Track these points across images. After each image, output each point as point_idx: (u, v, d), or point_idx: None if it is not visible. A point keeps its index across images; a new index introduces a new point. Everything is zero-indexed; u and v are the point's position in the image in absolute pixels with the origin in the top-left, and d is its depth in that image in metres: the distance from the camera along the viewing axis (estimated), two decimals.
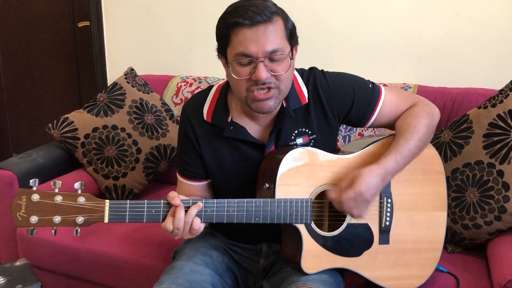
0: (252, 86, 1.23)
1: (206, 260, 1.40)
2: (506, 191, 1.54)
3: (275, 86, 1.24)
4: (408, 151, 1.32)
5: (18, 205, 1.11)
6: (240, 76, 1.23)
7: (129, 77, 2.33)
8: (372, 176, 1.25)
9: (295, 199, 1.26)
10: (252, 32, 1.19)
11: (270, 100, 1.26)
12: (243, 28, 1.19)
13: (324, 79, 1.38)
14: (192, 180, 1.44)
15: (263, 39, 1.19)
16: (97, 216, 1.15)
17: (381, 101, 1.40)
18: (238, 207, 1.23)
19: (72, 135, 2.12)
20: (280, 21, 1.23)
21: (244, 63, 1.22)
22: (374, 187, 1.26)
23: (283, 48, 1.22)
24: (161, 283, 1.31)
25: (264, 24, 1.19)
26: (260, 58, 1.20)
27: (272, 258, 1.47)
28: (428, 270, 1.42)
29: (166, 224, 1.19)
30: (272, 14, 1.20)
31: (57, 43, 3.18)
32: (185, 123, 1.41)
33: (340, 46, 2.27)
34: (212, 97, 1.40)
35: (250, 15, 1.18)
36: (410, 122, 1.36)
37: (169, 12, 2.61)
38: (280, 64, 1.23)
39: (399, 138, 1.33)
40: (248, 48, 1.19)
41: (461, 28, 2.05)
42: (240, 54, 1.21)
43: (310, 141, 1.38)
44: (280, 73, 1.23)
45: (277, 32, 1.21)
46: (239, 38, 1.20)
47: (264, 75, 1.20)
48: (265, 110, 1.27)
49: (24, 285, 1.51)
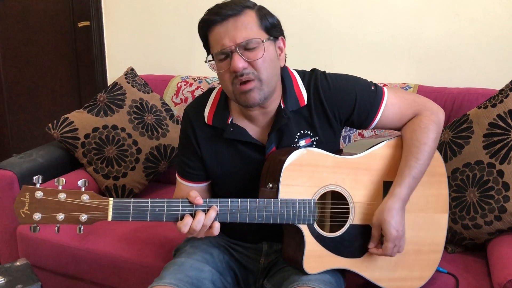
0: (234, 79, 1.25)
1: (206, 257, 1.41)
2: (506, 191, 1.54)
3: (254, 76, 1.25)
4: (420, 173, 1.33)
5: (22, 202, 1.11)
6: (221, 69, 1.26)
7: (129, 77, 2.33)
8: (394, 216, 1.28)
9: (298, 200, 1.26)
10: (223, 27, 1.24)
11: (253, 92, 1.26)
12: (215, 25, 1.24)
13: (326, 81, 1.38)
14: (191, 182, 1.44)
15: (233, 31, 1.23)
16: (100, 214, 1.15)
17: (383, 104, 1.39)
18: (241, 207, 1.23)
19: (72, 135, 2.12)
20: (252, 13, 1.26)
21: (222, 58, 1.26)
22: (400, 222, 1.30)
23: (256, 37, 1.25)
24: (161, 278, 1.31)
25: (233, 17, 1.23)
26: (233, 48, 1.23)
27: (272, 257, 1.47)
28: (428, 271, 1.43)
29: (183, 225, 1.19)
30: (243, 8, 1.24)
31: (57, 43, 3.18)
32: (186, 125, 1.42)
33: (340, 46, 2.27)
34: (213, 100, 1.41)
35: (218, 11, 1.23)
36: (420, 138, 1.35)
37: (169, 12, 2.61)
38: (256, 51, 1.25)
39: (410, 158, 1.33)
40: (222, 44, 1.23)
41: (461, 28, 2.06)
42: (219, 53, 1.25)
43: (313, 143, 1.38)
44: (256, 59, 1.24)
45: (249, 23, 1.25)
46: (215, 37, 1.25)
47: (240, 65, 1.23)
48: (251, 103, 1.28)
49: (24, 285, 1.50)
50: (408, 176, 1.31)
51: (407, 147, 1.36)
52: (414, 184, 1.33)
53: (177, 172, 1.47)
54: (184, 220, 1.19)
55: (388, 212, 1.28)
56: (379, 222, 1.30)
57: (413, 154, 1.33)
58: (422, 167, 1.33)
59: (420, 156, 1.33)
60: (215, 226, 1.22)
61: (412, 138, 1.36)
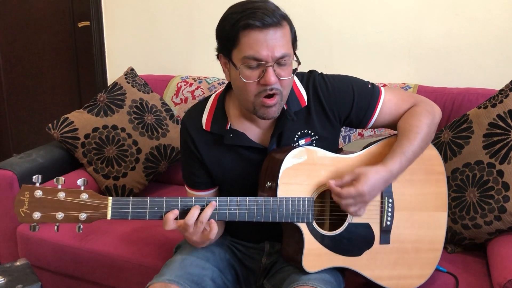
0: (261, 92, 1.23)
1: (207, 255, 1.41)
2: (506, 191, 1.54)
3: (278, 92, 1.24)
4: (412, 152, 1.31)
5: (21, 201, 1.11)
6: (249, 79, 1.22)
7: (129, 77, 2.33)
8: (377, 178, 1.25)
9: (297, 198, 1.27)
10: (262, 35, 1.17)
11: (275, 106, 1.26)
12: (254, 30, 1.17)
13: (324, 82, 1.39)
14: (202, 191, 1.44)
15: (273, 43, 1.18)
16: (100, 213, 1.15)
17: (381, 101, 1.40)
18: (240, 205, 1.24)
19: (72, 135, 2.12)
20: (287, 26, 1.22)
21: (253, 66, 1.20)
22: (376, 189, 1.26)
23: (290, 53, 1.22)
24: (161, 275, 1.31)
25: (274, 28, 1.17)
26: (269, 62, 1.19)
27: (274, 257, 1.47)
28: (428, 270, 1.42)
29: (178, 220, 1.20)
30: (281, 18, 1.19)
31: (57, 43, 3.18)
32: (184, 135, 1.41)
33: (340, 46, 2.27)
34: (211, 106, 1.40)
35: (261, 17, 1.16)
36: (412, 122, 1.35)
37: (169, 12, 2.61)
38: (286, 69, 1.23)
39: (402, 139, 1.33)
40: (258, 52, 1.17)
41: (461, 28, 2.06)
42: (250, 58, 1.19)
43: (313, 142, 1.39)
44: (285, 78, 1.23)
45: (285, 37, 1.21)
46: (249, 41, 1.18)
47: (273, 79, 1.20)
48: (270, 117, 1.28)
49: (24, 285, 1.50)
50: (400, 153, 1.30)
51: (401, 132, 1.36)
52: (405, 162, 1.30)
53: (187, 184, 1.46)
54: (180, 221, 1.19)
55: (373, 172, 1.25)
56: (359, 172, 1.25)
57: (405, 136, 1.33)
58: (414, 148, 1.32)
59: (412, 137, 1.32)
60: (213, 228, 1.22)
61: (405, 124, 1.37)
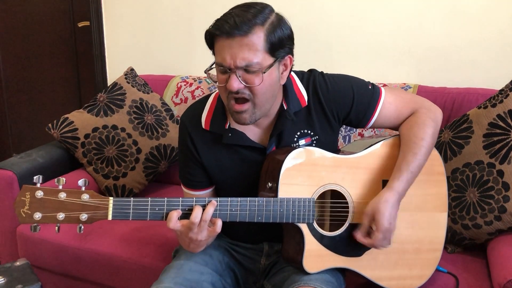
0: (229, 94, 1.24)
1: (206, 259, 1.40)
2: (506, 191, 1.54)
3: (249, 97, 1.23)
4: (417, 167, 1.33)
5: (22, 202, 1.11)
6: (220, 83, 1.25)
7: (129, 77, 2.33)
8: (389, 208, 1.27)
9: (298, 199, 1.27)
10: (227, 43, 1.18)
11: (245, 113, 1.25)
12: (220, 38, 1.20)
13: (324, 81, 1.38)
14: (198, 190, 1.44)
15: (236, 51, 1.18)
16: (101, 214, 1.15)
17: (381, 102, 1.40)
18: (241, 206, 1.23)
19: (72, 135, 2.12)
20: (261, 33, 1.19)
21: (222, 71, 1.23)
22: (393, 216, 1.28)
23: (260, 61, 1.20)
24: (160, 282, 1.31)
25: (240, 37, 1.17)
26: (233, 69, 1.20)
27: (273, 257, 1.47)
28: (428, 270, 1.43)
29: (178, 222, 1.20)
30: (252, 27, 1.17)
31: (57, 43, 3.17)
32: (183, 134, 1.41)
33: (340, 46, 2.27)
34: (210, 105, 1.40)
35: (227, 28, 1.17)
36: (417, 134, 1.35)
37: (169, 12, 2.61)
38: (256, 76, 1.21)
39: (407, 153, 1.33)
40: (224, 59, 1.20)
41: (461, 28, 2.06)
42: (218, 64, 1.23)
43: (313, 142, 1.38)
44: (253, 85, 1.21)
45: (253, 46, 1.18)
46: (217, 48, 1.22)
47: (235, 85, 1.20)
48: (241, 122, 1.28)
49: (24, 285, 1.50)
50: (406, 171, 1.31)
51: (405, 143, 1.36)
52: (411, 179, 1.32)
53: (183, 183, 1.46)
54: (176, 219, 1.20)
55: (383, 204, 1.27)
56: (373, 211, 1.28)
57: (411, 149, 1.33)
58: (420, 162, 1.33)
59: (418, 151, 1.33)
60: (218, 223, 1.21)
61: (410, 134, 1.36)
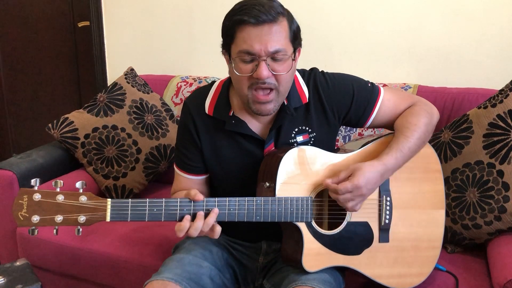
0: (253, 84, 1.25)
1: (205, 254, 1.41)
2: (506, 191, 1.54)
3: (274, 87, 1.26)
4: (408, 149, 1.33)
5: (20, 205, 1.10)
6: (242, 73, 1.25)
7: (129, 77, 2.33)
8: (372, 172, 1.27)
9: (296, 198, 1.27)
10: (256, 31, 1.20)
11: (270, 104, 1.28)
12: (248, 26, 1.20)
13: (324, 79, 1.41)
14: (190, 174, 1.45)
15: (266, 38, 1.20)
16: (99, 215, 1.15)
17: (380, 100, 1.42)
18: (239, 205, 1.24)
19: (72, 135, 2.12)
20: (285, 22, 1.24)
21: (247, 61, 1.24)
22: (372, 182, 1.27)
23: (286, 49, 1.24)
24: (160, 273, 1.32)
25: (269, 24, 1.20)
26: (262, 56, 1.21)
27: (271, 256, 1.48)
28: (427, 268, 1.43)
29: (180, 230, 1.19)
30: (278, 15, 1.21)
31: (57, 43, 3.18)
32: (186, 116, 1.43)
33: (340, 46, 2.27)
34: (214, 92, 1.42)
35: (256, 14, 1.19)
36: (410, 120, 1.37)
37: (169, 12, 2.61)
38: (282, 64, 1.24)
39: (399, 136, 1.35)
40: (252, 46, 1.21)
41: (461, 28, 2.05)
42: (244, 52, 1.22)
43: (310, 139, 1.40)
44: (281, 73, 1.24)
45: (281, 33, 1.22)
46: (244, 35, 1.21)
47: (265, 73, 1.22)
48: (265, 113, 1.30)
49: (24, 285, 1.50)
50: (396, 149, 1.32)
51: (398, 129, 1.38)
52: (401, 158, 1.32)
53: (176, 163, 1.48)
54: (181, 224, 1.18)
55: (368, 166, 1.27)
56: (354, 167, 1.27)
57: (402, 133, 1.35)
58: (411, 145, 1.34)
59: (409, 134, 1.34)
60: (216, 230, 1.22)
61: (403, 121, 1.39)
